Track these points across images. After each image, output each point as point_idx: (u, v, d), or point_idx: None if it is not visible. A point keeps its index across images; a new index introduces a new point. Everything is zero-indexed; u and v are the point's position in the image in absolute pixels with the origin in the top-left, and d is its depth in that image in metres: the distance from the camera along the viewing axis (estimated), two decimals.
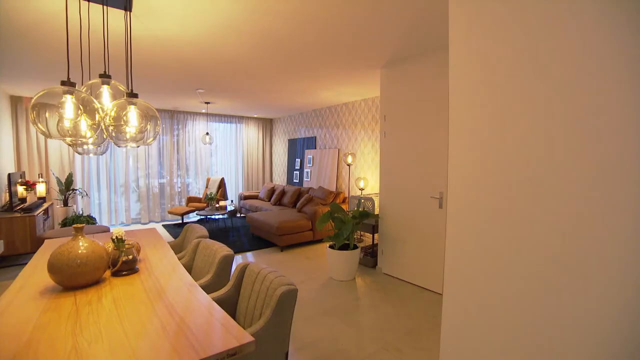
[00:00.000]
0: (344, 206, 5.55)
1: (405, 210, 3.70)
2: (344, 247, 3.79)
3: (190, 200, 7.03)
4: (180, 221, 6.96)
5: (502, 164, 1.23)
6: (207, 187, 7.36)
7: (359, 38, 2.89)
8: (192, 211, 6.45)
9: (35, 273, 1.90)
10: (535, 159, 1.13)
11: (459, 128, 1.40)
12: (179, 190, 7.47)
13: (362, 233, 5.57)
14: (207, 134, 6.53)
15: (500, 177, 1.24)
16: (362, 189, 5.36)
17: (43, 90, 1.38)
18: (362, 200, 4.59)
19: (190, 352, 1.11)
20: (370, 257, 4.26)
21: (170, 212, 6.52)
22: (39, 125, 1.40)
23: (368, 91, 5.14)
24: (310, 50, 3.20)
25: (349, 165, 5.72)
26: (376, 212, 4.64)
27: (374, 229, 4.29)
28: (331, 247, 3.80)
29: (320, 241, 5.46)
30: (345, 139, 6.16)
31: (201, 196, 7.29)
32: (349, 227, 3.61)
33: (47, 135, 1.44)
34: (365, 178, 5.40)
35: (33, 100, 1.37)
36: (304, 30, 2.72)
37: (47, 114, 1.42)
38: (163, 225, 6.79)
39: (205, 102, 6.21)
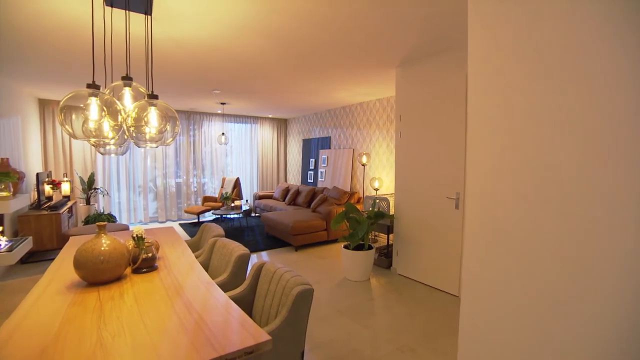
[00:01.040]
0: (358, 206, 5.53)
1: (420, 211, 3.66)
2: (359, 247, 3.78)
3: (206, 199, 7.15)
4: (196, 220, 7.09)
5: (522, 165, 1.21)
6: (222, 186, 7.46)
7: (373, 38, 2.88)
8: (208, 210, 6.55)
9: (62, 268, 1.98)
10: (555, 160, 1.10)
11: (477, 128, 1.38)
12: (195, 189, 7.60)
13: (376, 233, 5.54)
14: (223, 134, 6.62)
15: (520, 178, 1.21)
16: (376, 189, 5.33)
17: (70, 92, 1.44)
18: (377, 201, 4.57)
19: (209, 349, 1.14)
20: (385, 257, 4.23)
21: (186, 211, 6.64)
22: (67, 126, 1.45)
23: (383, 91, 5.10)
24: (325, 50, 3.21)
25: (363, 165, 5.70)
26: (391, 212, 4.60)
27: (388, 230, 4.26)
28: (346, 247, 3.80)
29: (334, 241, 5.46)
30: (360, 139, 6.14)
31: (217, 196, 7.41)
32: (364, 227, 3.59)
33: (74, 136, 1.50)
34: (380, 178, 5.37)
35: (61, 103, 1.42)
36: (319, 31, 2.73)
37: (73, 116, 1.47)
38: (179, 224, 6.93)
39: (221, 103, 6.30)
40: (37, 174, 4.44)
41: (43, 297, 1.56)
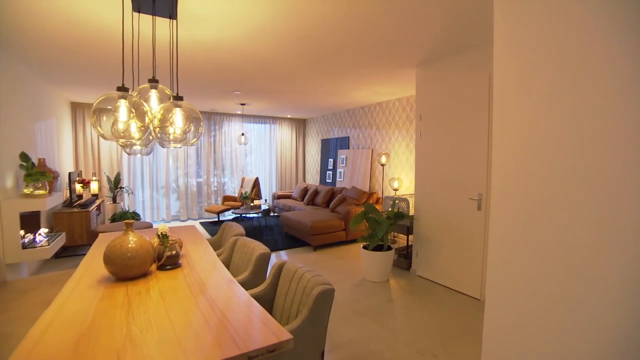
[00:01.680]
0: (377, 207, 5.48)
1: (441, 212, 3.59)
2: (378, 248, 3.75)
3: (226, 199, 7.28)
4: (217, 219, 7.23)
5: (550, 165, 1.17)
6: (242, 186, 7.58)
7: (393, 37, 2.85)
8: (228, 209, 6.67)
9: (92, 263, 2.07)
10: (585, 161, 1.06)
11: (502, 127, 1.34)
12: (215, 189, 7.75)
13: (395, 234, 5.48)
14: (243, 134, 6.73)
15: (548, 179, 1.17)
16: (396, 190, 5.28)
17: (102, 96, 1.50)
18: (397, 201, 4.52)
19: (232, 346, 1.16)
20: (404, 258, 4.18)
21: (207, 210, 6.79)
22: (99, 128, 1.52)
23: (402, 90, 5.05)
24: (343, 51, 3.20)
25: (382, 165, 5.65)
26: (411, 213, 4.55)
27: (408, 230, 4.21)
28: (365, 247, 3.78)
29: (352, 241, 5.44)
30: (379, 138, 6.09)
31: (236, 195, 7.53)
32: (383, 227, 3.57)
33: (104, 137, 1.56)
34: (399, 178, 5.31)
35: (94, 106, 1.49)
36: (337, 32, 2.73)
37: (104, 118, 1.54)
38: (200, 222, 7.09)
39: (241, 104, 6.40)
40: (69, 174, 4.66)
41: (77, 290, 1.64)
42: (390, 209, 4.09)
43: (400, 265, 4.18)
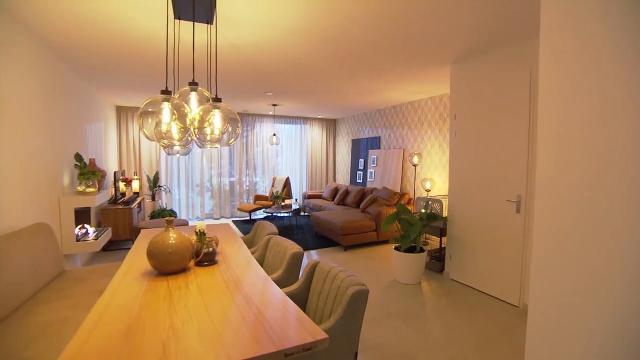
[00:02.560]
0: (409, 207, 5.39)
1: (477, 214, 3.46)
2: (410, 249, 3.68)
3: (257, 198, 7.44)
4: (248, 218, 7.41)
5: (598, 168, 1.09)
6: (273, 185, 7.72)
7: (426, 35, 2.78)
8: (259, 209, 6.82)
9: (136, 258, 2.19)
10: (634, 162, 0.98)
11: (549, 127, 1.27)
12: (247, 188, 7.95)
13: (427, 236, 5.34)
14: (274, 134, 6.84)
15: (597, 182, 1.10)
16: (428, 190, 5.15)
17: (148, 99, 1.59)
18: (430, 202, 4.41)
19: (268, 343, 1.18)
20: (437, 261, 4.07)
21: (239, 209, 6.98)
22: (144, 130, 1.60)
23: (435, 89, 4.91)
24: (376, 49, 3.17)
25: (414, 165, 5.53)
26: (444, 214, 4.42)
27: (441, 232, 4.09)
28: (396, 248, 3.72)
29: (383, 242, 5.37)
30: (411, 138, 5.97)
31: (267, 194, 7.68)
32: (416, 229, 3.49)
33: (149, 138, 1.65)
34: (431, 179, 5.17)
35: (141, 109, 1.58)
36: (369, 31, 2.70)
37: (149, 120, 1.62)
38: (232, 221, 7.30)
39: (273, 104, 6.52)
40: (114, 173, 4.97)
41: (124, 282, 1.75)
42: (423, 210, 4.00)
43: (433, 267, 4.07)
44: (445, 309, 3.05)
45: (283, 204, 6.43)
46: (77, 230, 3.53)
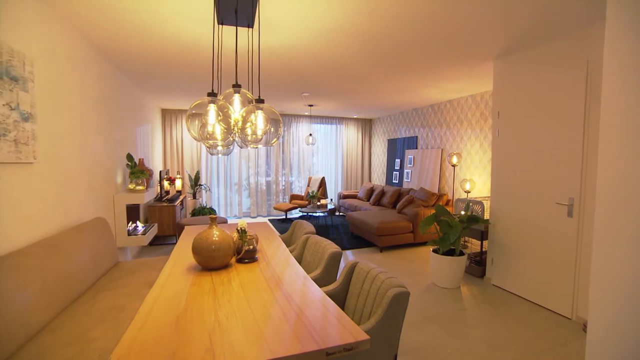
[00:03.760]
0: (448, 209, 5.21)
1: (522, 217, 3.26)
2: (449, 252, 3.56)
3: (293, 197, 7.55)
4: (284, 217, 7.54)
5: None
6: (308, 185, 7.79)
7: (467, 30, 2.66)
8: (295, 208, 6.91)
9: (182, 253, 2.31)
10: None
11: (611, 126, 1.17)
12: (283, 188, 8.09)
13: (466, 239, 5.13)
14: (310, 134, 6.90)
15: None
16: (468, 192, 4.94)
17: (196, 101, 1.67)
18: (471, 204, 4.23)
19: (310, 341, 1.19)
20: (477, 265, 3.90)
21: (275, 208, 7.11)
22: (191, 131, 1.69)
23: (476, 86, 4.70)
24: (414, 47, 3.09)
25: (453, 165, 5.34)
26: (485, 216, 4.22)
27: (482, 236, 3.91)
28: (435, 251, 3.61)
29: (421, 244, 5.24)
30: (450, 138, 5.76)
31: (303, 194, 7.76)
32: (456, 231, 3.37)
33: (196, 139, 1.73)
34: (471, 180, 4.96)
35: (189, 111, 1.66)
36: (406, 29, 2.64)
37: (196, 121, 1.70)
38: (269, 219, 7.46)
39: (309, 105, 6.58)
40: (160, 172, 5.27)
41: (172, 276, 1.85)
42: (463, 212, 3.85)
43: (473, 272, 3.90)
44: (486, 316, 2.91)
45: (319, 203, 6.47)
46: (128, 225, 3.79)
